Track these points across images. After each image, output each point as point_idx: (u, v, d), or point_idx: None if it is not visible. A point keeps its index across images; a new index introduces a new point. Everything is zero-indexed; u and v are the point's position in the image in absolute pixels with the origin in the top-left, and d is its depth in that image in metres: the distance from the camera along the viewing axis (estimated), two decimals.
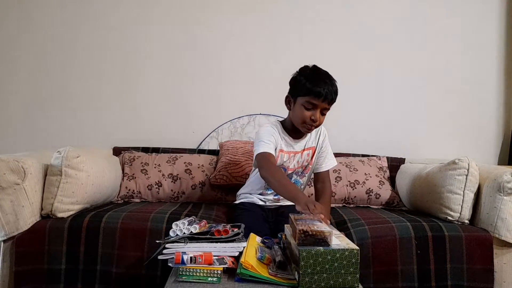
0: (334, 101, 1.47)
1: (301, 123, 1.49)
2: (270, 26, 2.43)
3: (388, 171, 2.16)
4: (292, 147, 1.59)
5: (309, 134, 1.62)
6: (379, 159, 2.20)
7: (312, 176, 1.70)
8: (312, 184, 1.79)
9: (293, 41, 2.43)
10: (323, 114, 1.49)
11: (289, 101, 1.54)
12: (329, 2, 2.45)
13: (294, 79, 1.52)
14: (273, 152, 1.50)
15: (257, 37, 2.43)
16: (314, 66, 1.52)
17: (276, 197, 1.64)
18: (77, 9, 2.41)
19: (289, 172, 1.61)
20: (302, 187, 1.69)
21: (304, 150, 1.61)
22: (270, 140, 1.51)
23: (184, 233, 1.14)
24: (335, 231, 1.25)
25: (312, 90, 1.43)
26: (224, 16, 2.43)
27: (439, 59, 2.46)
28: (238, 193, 1.75)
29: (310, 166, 1.64)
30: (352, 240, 1.41)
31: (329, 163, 1.64)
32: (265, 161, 1.45)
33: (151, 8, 2.42)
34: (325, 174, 1.64)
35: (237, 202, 1.71)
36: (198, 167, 2.05)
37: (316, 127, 1.51)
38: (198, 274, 1.02)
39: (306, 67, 1.52)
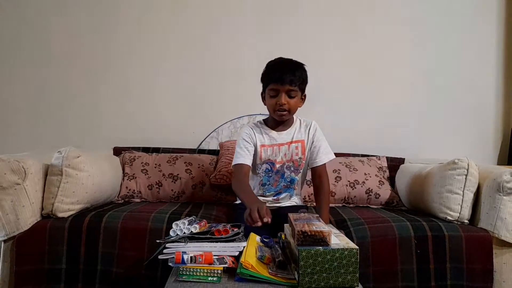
0: (298, 82, 1.49)
1: (273, 111, 1.54)
2: (270, 26, 2.43)
3: (387, 171, 2.16)
4: (275, 140, 1.60)
5: (295, 126, 1.63)
6: (379, 159, 2.20)
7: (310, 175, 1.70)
8: (312, 184, 1.80)
9: (293, 41, 2.43)
10: (291, 97, 1.50)
11: (264, 97, 1.60)
12: (330, 3, 2.45)
13: (261, 75, 1.57)
14: (246, 160, 1.54)
15: (258, 37, 2.43)
16: (278, 58, 1.56)
17: (275, 197, 1.65)
18: (79, 11, 2.41)
19: (278, 165, 1.60)
20: (299, 183, 1.68)
21: (291, 142, 1.60)
22: (244, 145, 1.57)
23: (184, 232, 1.14)
24: (334, 230, 1.25)
25: (270, 77, 1.50)
26: (224, 18, 2.43)
27: (439, 59, 2.46)
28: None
29: (304, 161, 1.62)
30: (352, 239, 1.42)
31: (324, 157, 1.60)
32: (236, 174, 1.54)
33: (153, 9, 2.42)
34: (321, 169, 1.60)
35: (237, 202, 1.71)
36: (198, 167, 2.05)
37: (288, 111, 1.52)
38: (198, 273, 1.02)
39: (269, 61, 1.56)
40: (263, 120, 1.67)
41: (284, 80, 1.46)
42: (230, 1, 2.43)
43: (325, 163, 1.61)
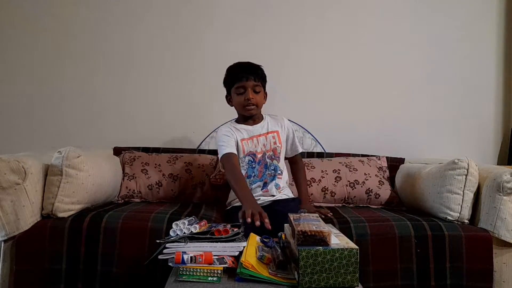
0: (260, 77, 1.66)
1: (242, 108, 1.67)
2: (268, 27, 2.43)
3: (387, 171, 2.16)
4: (252, 132, 1.71)
5: (266, 120, 1.74)
6: (379, 159, 2.20)
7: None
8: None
9: (292, 41, 2.43)
10: (256, 92, 1.65)
11: (229, 99, 1.73)
12: (330, 2, 2.45)
13: (223, 80, 1.72)
14: (233, 150, 1.62)
15: (256, 37, 2.43)
16: (236, 62, 1.70)
17: (263, 189, 1.68)
18: (77, 11, 2.41)
19: (259, 155, 1.68)
20: (282, 171, 1.72)
21: (268, 133, 1.71)
22: (226, 139, 1.65)
23: (184, 232, 1.14)
24: (334, 230, 1.26)
25: (234, 77, 1.65)
26: (223, 17, 2.43)
27: (439, 59, 2.46)
28: (228, 201, 1.75)
29: (281, 149, 1.72)
30: (352, 236, 1.42)
31: (299, 147, 1.80)
32: (227, 164, 1.59)
33: (151, 8, 2.42)
34: (298, 158, 1.83)
35: (228, 208, 1.72)
36: (198, 167, 2.05)
37: (256, 104, 1.65)
38: (198, 273, 1.02)
39: (229, 66, 1.71)
40: (234, 121, 1.78)
41: (248, 77, 1.62)
42: (227, 3, 2.43)
43: (299, 153, 1.82)
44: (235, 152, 1.63)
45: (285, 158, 1.79)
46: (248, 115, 1.70)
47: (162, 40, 2.43)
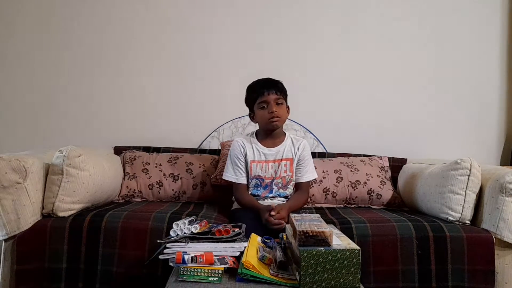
0: (281, 91, 1.67)
1: (266, 122, 1.67)
2: (269, 27, 2.43)
3: (389, 171, 2.15)
4: (265, 156, 1.71)
5: (285, 143, 1.72)
6: (381, 159, 2.19)
7: None
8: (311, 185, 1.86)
9: (292, 41, 2.42)
10: (278, 104, 1.66)
11: (252, 116, 1.74)
12: (331, 1, 2.44)
13: (245, 99, 1.74)
14: (244, 180, 1.69)
15: (256, 38, 2.42)
16: (256, 80, 1.72)
17: (268, 195, 1.69)
18: (77, 9, 2.41)
19: (267, 181, 1.68)
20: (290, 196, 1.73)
21: (281, 160, 1.70)
22: (238, 163, 1.69)
23: (185, 232, 1.14)
24: (336, 231, 1.25)
25: (256, 94, 1.67)
26: (223, 18, 2.42)
27: (441, 59, 2.45)
28: (234, 202, 1.80)
29: (292, 178, 1.70)
30: (353, 236, 1.42)
31: (307, 175, 1.72)
32: (239, 192, 1.69)
33: (152, 9, 2.42)
34: (304, 185, 1.72)
35: (233, 208, 1.76)
36: (199, 167, 2.05)
37: (280, 117, 1.65)
38: (199, 274, 1.02)
39: (249, 84, 1.73)
40: (255, 134, 1.77)
41: (270, 91, 1.64)
42: (228, 4, 2.42)
43: (308, 181, 1.74)
44: (245, 181, 1.69)
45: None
46: (273, 128, 1.69)
47: (162, 41, 2.42)
